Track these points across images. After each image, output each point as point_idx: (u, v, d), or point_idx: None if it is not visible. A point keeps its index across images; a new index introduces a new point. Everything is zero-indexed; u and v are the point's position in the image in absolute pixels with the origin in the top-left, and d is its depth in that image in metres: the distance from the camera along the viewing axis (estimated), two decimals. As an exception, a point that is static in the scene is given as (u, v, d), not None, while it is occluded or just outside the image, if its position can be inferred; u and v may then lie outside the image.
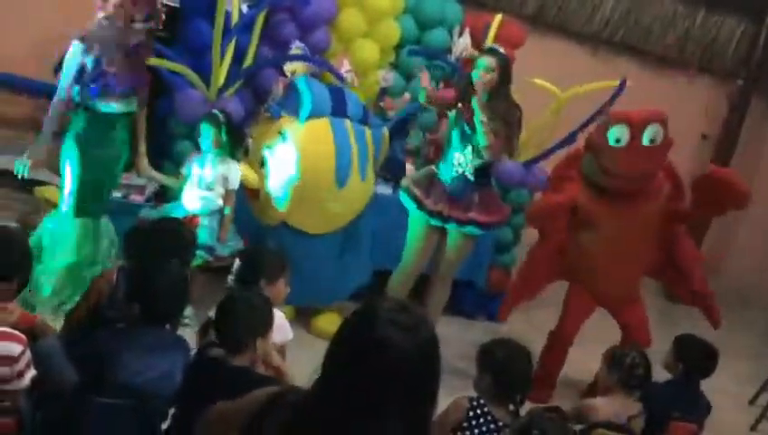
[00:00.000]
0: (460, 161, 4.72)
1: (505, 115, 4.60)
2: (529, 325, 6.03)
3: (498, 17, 5.88)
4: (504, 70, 4.66)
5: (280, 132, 4.85)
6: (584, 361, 5.13)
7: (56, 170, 6.02)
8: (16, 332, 2.42)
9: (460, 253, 4.91)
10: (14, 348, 2.36)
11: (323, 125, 4.89)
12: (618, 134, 4.80)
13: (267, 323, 2.93)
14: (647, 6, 8.22)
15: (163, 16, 4.51)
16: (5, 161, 6.05)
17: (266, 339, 2.91)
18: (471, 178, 4.72)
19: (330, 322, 5.10)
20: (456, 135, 4.75)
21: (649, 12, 8.23)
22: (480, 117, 4.53)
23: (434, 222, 4.78)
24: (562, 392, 5.18)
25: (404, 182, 5.02)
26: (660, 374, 4.13)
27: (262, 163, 4.94)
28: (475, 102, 4.56)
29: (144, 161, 4.70)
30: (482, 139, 4.54)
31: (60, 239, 4.46)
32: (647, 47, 8.34)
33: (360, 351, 1.73)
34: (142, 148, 4.68)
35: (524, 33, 6.50)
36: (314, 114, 4.90)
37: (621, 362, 3.75)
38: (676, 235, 5.05)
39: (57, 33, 5.22)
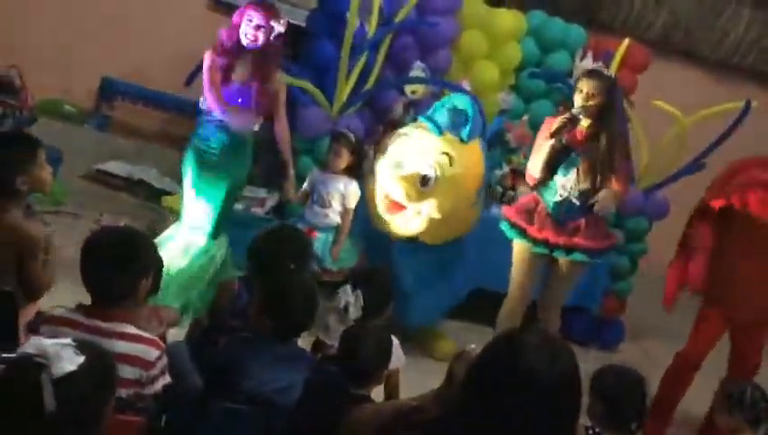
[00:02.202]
0: (564, 186, 4.49)
1: (610, 147, 4.39)
2: (644, 355, 5.89)
3: (625, 42, 5.79)
4: (609, 93, 4.40)
5: (446, 153, 4.60)
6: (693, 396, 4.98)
7: (180, 180, 6.31)
8: (156, 338, 2.52)
9: (568, 281, 4.71)
10: (152, 353, 2.46)
11: (477, 147, 4.76)
12: None
13: (390, 355, 2.97)
14: (780, 32, 7.94)
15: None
16: (136, 171, 6.38)
17: (387, 368, 2.96)
18: (576, 202, 4.48)
19: (448, 344, 5.13)
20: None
21: (783, 37, 7.95)
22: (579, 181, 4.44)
23: (538, 250, 4.58)
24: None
25: (504, 211, 4.77)
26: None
27: (423, 182, 4.62)
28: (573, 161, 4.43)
29: (291, 186, 4.82)
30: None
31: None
32: (778, 73, 8.06)
33: (503, 379, 1.75)
34: (291, 172, 4.80)
35: (648, 57, 6.38)
36: (475, 135, 4.76)
37: (742, 401, 3.64)
38: None
39: (190, 49, 5.48)
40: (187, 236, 4.62)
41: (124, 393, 2.40)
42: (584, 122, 4.42)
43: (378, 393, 3.09)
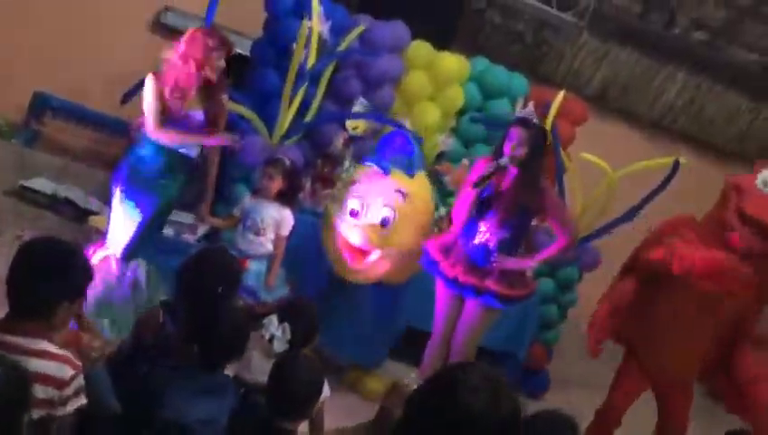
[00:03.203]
0: (484, 231, 4.42)
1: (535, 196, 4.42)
2: (568, 406, 5.86)
3: (561, 93, 5.86)
4: (535, 142, 4.39)
5: (399, 190, 4.57)
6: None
7: (106, 201, 6.14)
8: (71, 356, 2.37)
9: (474, 324, 4.57)
10: (66, 371, 2.31)
11: (424, 179, 4.74)
12: None
13: (322, 388, 2.89)
14: (711, 97, 8.16)
15: None
16: (62, 190, 6.18)
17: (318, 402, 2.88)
18: (494, 249, 4.41)
19: (376, 382, 5.06)
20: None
21: (712, 103, 8.18)
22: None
23: (449, 287, 4.51)
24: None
25: (426, 244, 4.65)
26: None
27: (383, 223, 4.61)
28: None
29: (207, 208, 4.77)
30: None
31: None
32: (707, 138, 8.27)
33: (441, 419, 1.68)
34: (210, 193, 4.75)
35: (586, 111, 6.49)
36: (418, 168, 4.76)
37: None
38: (739, 341, 4.74)
39: (129, 70, 5.36)
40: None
41: (35, 414, 2.24)
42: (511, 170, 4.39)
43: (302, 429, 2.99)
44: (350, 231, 4.60)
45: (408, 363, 5.32)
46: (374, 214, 4.53)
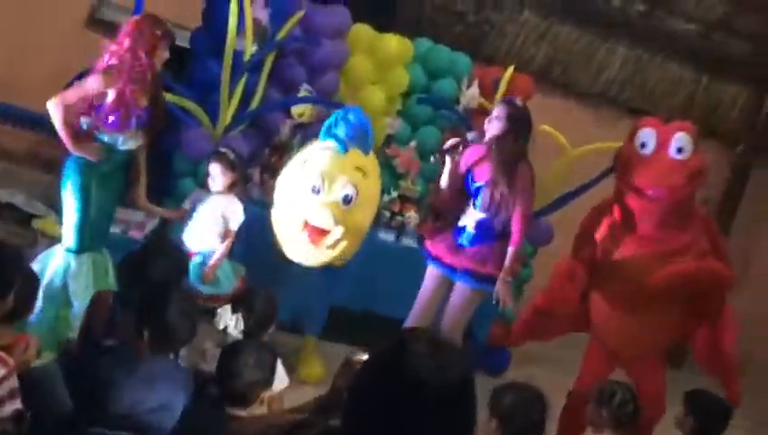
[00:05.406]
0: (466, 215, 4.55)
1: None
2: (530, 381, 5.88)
3: (510, 69, 5.87)
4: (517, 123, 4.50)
5: (358, 168, 4.40)
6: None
7: (51, 204, 5.98)
8: (3, 354, 2.27)
9: (458, 307, 4.68)
10: None
11: (374, 158, 4.62)
12: (644, 138, 4.45)
13: (272, 374, 2.86)
14: (652, 69, 8.24)
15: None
16: (4, 195, 6.00)
17: (269, 389, 2.84)
18: (472, 231, 4.51)
19: (316, 366, 5.10)
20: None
21: (654, 75, 8.25)
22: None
23: (434, 266, 4.61)
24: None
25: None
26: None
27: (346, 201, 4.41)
28: None
29: (143, 194, 4.62)
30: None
31: (75, 277, 4.33)
32: (651, 109, 8.32)
33: (389, 389, 1.63)
34: (143, 180, 4.61)
35: (532, 86, 6.50)
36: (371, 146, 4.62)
37: (611, 400, 3.79)
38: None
39: (65, 66, 5.22)
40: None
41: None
42: None
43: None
44: (312, 209, 4.31)
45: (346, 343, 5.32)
46: (337, 191, 4.34)
